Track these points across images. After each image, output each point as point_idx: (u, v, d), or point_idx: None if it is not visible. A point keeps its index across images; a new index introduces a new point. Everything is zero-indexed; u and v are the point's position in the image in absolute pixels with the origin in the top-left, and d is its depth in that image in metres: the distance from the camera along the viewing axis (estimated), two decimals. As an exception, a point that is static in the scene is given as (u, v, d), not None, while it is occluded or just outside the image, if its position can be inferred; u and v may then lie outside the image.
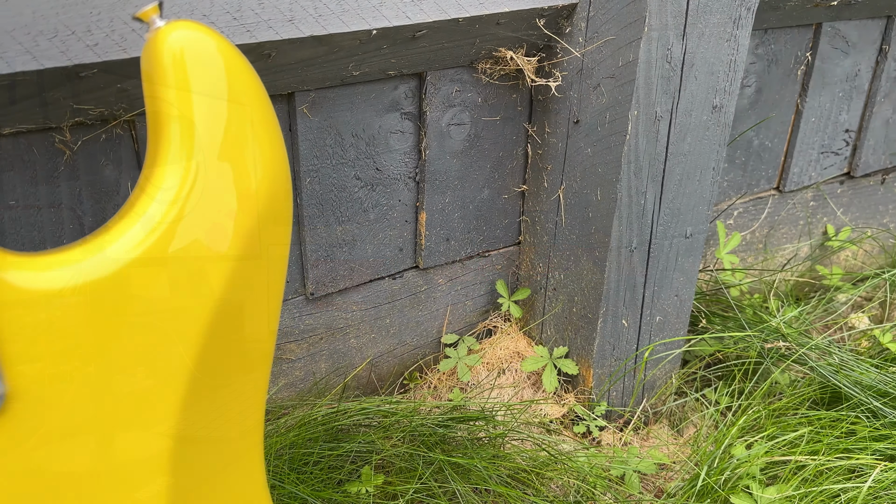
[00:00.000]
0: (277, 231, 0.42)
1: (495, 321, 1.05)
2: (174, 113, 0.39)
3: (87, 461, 0.38)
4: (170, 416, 0.40)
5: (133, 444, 0.39)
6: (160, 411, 0.40)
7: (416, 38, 0.74)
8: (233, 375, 0.43)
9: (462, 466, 0.80)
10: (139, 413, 0.39)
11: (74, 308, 0.36)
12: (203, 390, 0.41)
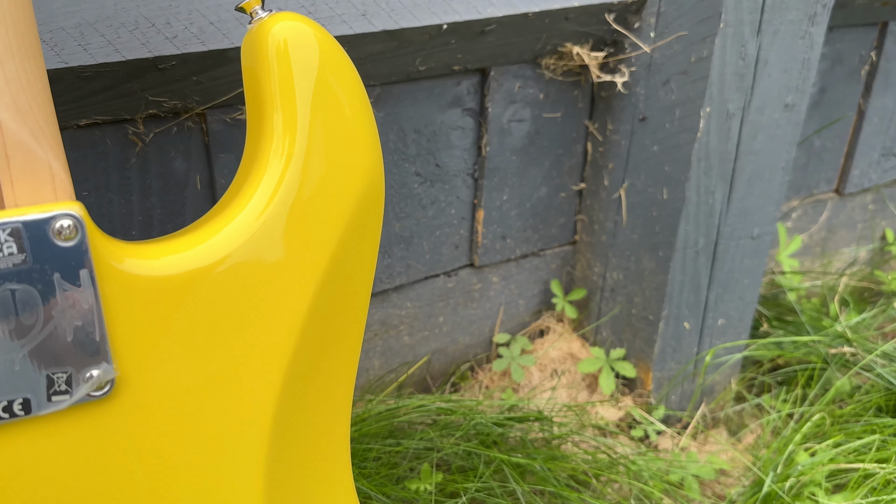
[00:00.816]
0: (373, 221, 0.44)
1: (548, 321, 1.06)
2: (277, 103, 0.41)
3: (187, 456, 0.40)
4: (268, 410, 0.41)
5: (232, 437, 0.41)
6: (259, 404, 0.41)
7: (484, 32, 0.75)
8: (327, 366, 0.44)
9: (521, 466, 0.81)
10: (239, 406, 0.41)
11: (182, 296, 0.38)
12: (299, 383, 0.42)
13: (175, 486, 0.40)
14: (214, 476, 0.41)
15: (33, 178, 0.38)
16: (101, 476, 0.38)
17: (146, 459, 0.39)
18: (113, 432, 0.38)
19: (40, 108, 0.39)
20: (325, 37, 0.42)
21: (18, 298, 0.35)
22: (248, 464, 0.42)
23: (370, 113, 0.43)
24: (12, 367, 0.35)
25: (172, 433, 0.39)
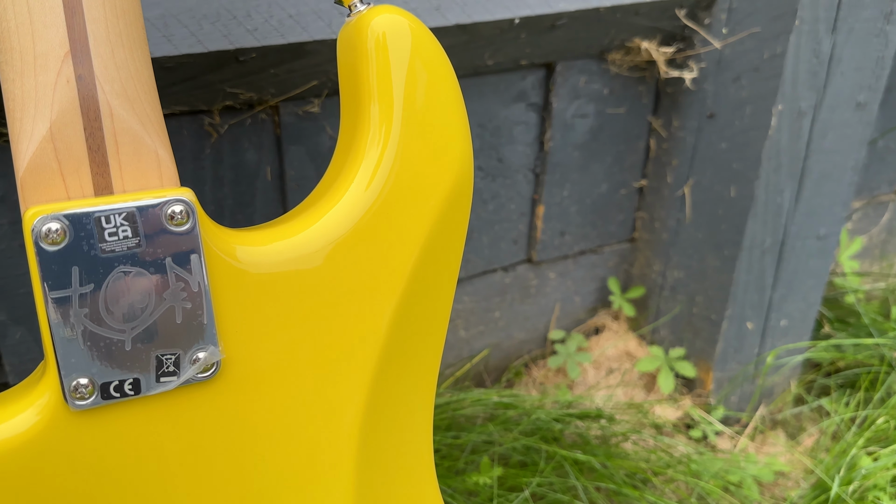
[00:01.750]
0: (462, 210, 0.44)
1: (604, 319, 1.06)
2: (374, 94, 0.41)
3: (283, 442, 0.41)
4: (360, 399, 0.42)
5: (326, 424, 0.42)
6: (352, 392, 0.42)
7: (554, 27, 0.76)
8: (415, 357, 0.45)
9: (580, 463, 0.81)
10: (333, 393, 0.42)
11: (284, 282, 0.39)
12: (388, 373, 0.43)
13: (269, 471, 0.41)
14: (308, 463, 0.42)
15: (141, 164, 0.39)
16: (202, 456, 0.39)
17: (244, 442, 0.40)
18: (215, 414, 0.39)
19: (147, 95, 0.40)
20: (423, 30, 0.43)
21: (131, 282, 0.36)
22: (341, 452, 0.43)
23: (462, 106, 0.44)
24: (124, 348, 0.36)
25: (270, 417, 0.40)
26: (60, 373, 0.35)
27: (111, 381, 0.36)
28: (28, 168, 0.37)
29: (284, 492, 0.42)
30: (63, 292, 0.35)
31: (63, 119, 0.38)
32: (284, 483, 0.42)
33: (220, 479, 0.40)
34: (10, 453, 0.35)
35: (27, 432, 0.35)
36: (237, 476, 0.41)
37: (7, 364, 0.71)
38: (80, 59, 0.38)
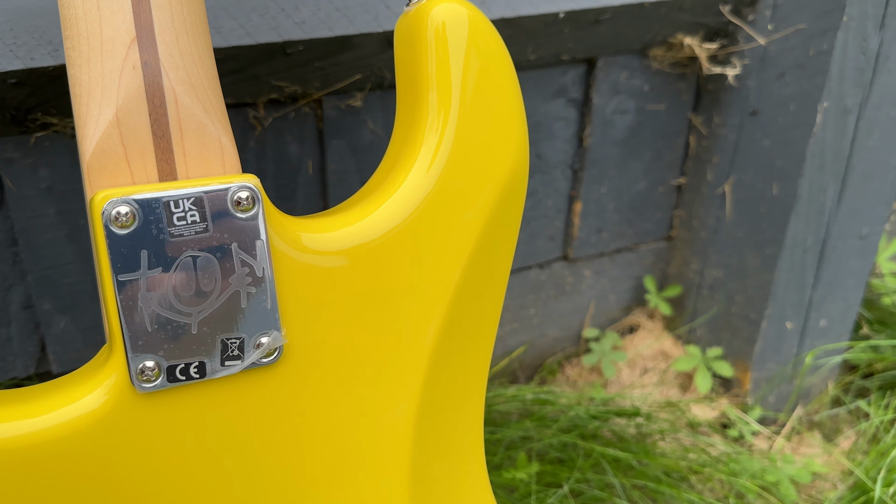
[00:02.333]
0: (518, 200, 0.45)
1: (639, 318, 1.06)
2: (432, 83, 0.42)
3: (339, 429, 0.41)
4: (415, 389, 0.42)
5: (381, 413, 0.42)
6: (408, 382, 0.42)
7: (598, 21, 0.76)
8: (468, 349, 0.45)
9: (618, 460, 0.81)
10: (389, 382, 0.42)
11: (344, 269, 0.39)
12: (443, 363, 0.44)
13: (325, 460, 0.42)
14: (363, 454, 0.42)
15: (204, 151, 0.40)
16: (260, 442, 0.40)
17: (302, 430, 0.41)
18: (275, 400, 0.39)
19: (210, 83, 0.41)
20: (482, 20, 0.43)
21: (199, 265, 0.36)
22: (396, 444, 0.43)
23: (520, 95, 0.44)
24: (190, 332, 0.37)
25: (328, 405, 0.41)
26: (128, 355, 0.36)
27: (177, 364, 0.37)
28: (94, 153, 0.38)
29: (339, 482, 0.42)
30: (132, 275, 0.35)
31: (129, 105, 0.38)
32: (339, 473, 0.42)
33: (276, 466, 0.40)
34: (78, 434, 0.35)
35: (94, 414, 0.36)
36: (293, 463, 0.41)
37: (51, 353, 0.72)
38: (146, 46, 0.38)
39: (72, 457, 0.35)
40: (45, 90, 0.59)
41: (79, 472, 0.36)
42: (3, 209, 0.66)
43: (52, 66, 0.58)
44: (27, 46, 0.57)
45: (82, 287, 0.70)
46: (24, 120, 0.61)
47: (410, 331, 0.42)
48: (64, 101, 0.61)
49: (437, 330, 0.42)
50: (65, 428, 0.35)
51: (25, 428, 0.34)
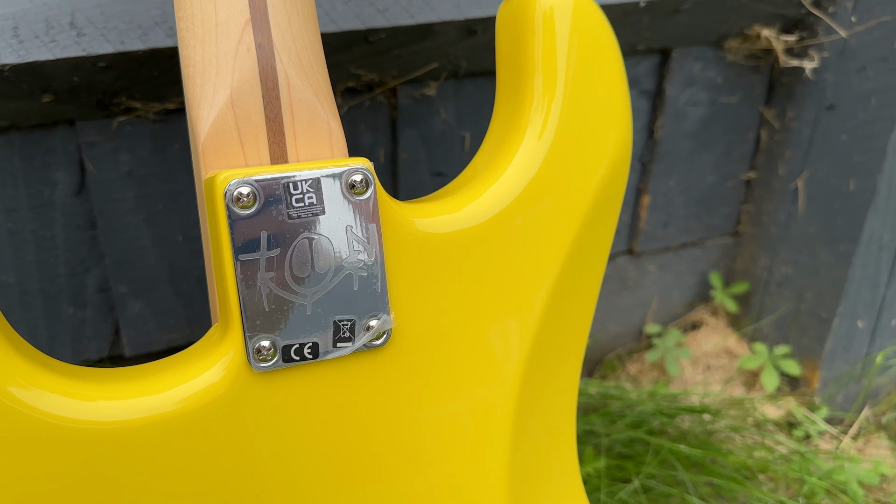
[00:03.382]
0: (619, 187, 0.45)
1: (701, 314, 1.05)
2: (538, 66, 0.42)
3: (442, 416, 0.42)
4: (516, 378, 0.43)
5: (483, 401, 0.42)
6: (509, 371, 0.43)
7: (678, 11, 0.75)
8: (566, 339, 0.46)
9: (686, 457, 0.81)
10: (492, 370, 0.42)
11: (452, 254, 0.40)
12: (542, 352, 0.44)
13: (427, 443, 0.42)
14: (465, 442, 0.43)
15: (314, 134, 0.40)
16: (366, 425, 0.40)
17: (407, 414, 0.41)
18: (382, 383, 0.40)
19: (319, 67, 0.41)
20: (589, 4, 0.43)
21: (314, 247, 0.37)
22: (496, 433, 0.43)
23: (625, 80, 0.44)
24: (305, 312, 0.37)
25: (432, 389, 0.41)
26: (245, 335, 0.36)
27: (292, 344, 0.37)
28: (210, 134, 0.39)
29: (439, 468, 0.43)
30: (252, 255, 0.36)
31: (243, 87, 0.39)
32: (440, 460, 0.42)
33: (379, 450, 0.41)
34: (197, 411, 0.36)
35: (213, 391, 0.36)
36: (397, 448, 0.42)
37: (124, 336, 0.74)
38: (260, 28, 0.39)
39: (189, 434, 0.36)
40: (132, 74, 0.60)
41: (195, 449, 0.37)
42: (84, 192, 0.67)
43: (141, 51, 0.59)
44: (117, 31, 0.58)
45: (157, 271, 0.72)
46: (109, 104, 0.62)
47: (514, 315, 0.42)
48: (148, 86, 0.62)
49: (540, 314, 0.43)
50: (185, 405, 0.36)
51: (147, 405, 0.35)
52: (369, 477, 0.41)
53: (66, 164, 0.65)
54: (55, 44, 0.57)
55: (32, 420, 0.34)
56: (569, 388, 0.46)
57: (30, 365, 0.34)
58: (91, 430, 0.34)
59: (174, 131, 0.67)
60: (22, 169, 0.64)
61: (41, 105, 0.60)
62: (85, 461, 0.35)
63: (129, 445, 0.35)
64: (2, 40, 0.56)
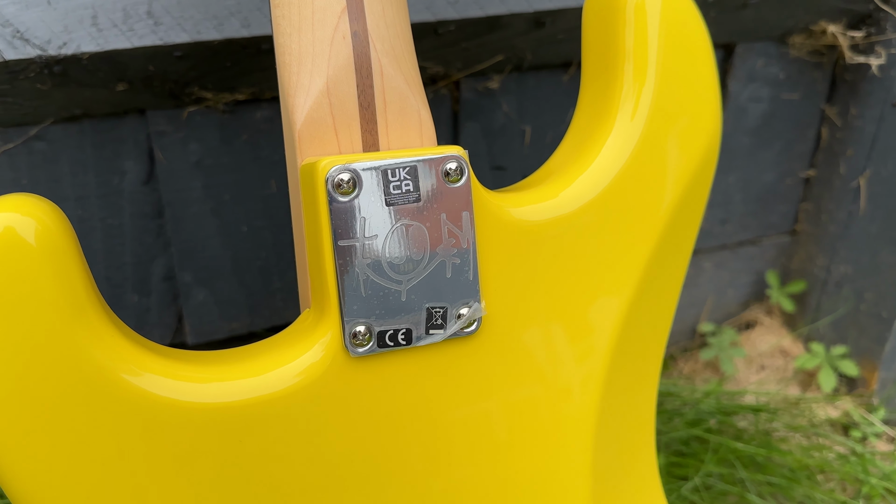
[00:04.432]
0: (708, 177, 0.45)
1: (756, 313, 1.05)
2: (629, 54, 0.42)
3: (527, 407, 0.42)
4: (601, 370, 0.43)
5: (568, 399, 0.43)
6: (595, 363, 0.43)
7: (746, 5, 0.75)
8: (650, 333, 0.46)
9: (744, 456, 0.80)
10: (577, 362, 0.42)
11: (542, 242, 0.40)
12: (627, 347, 0.44)
13: (511, 434, 0.42)
14: (549, 432, 0.43)
15: (405, 123, 0.41)
16: (454, 411, 0.41)
17: (493, 401, 0.41)
18: (470, 370, 0.40)
19: (410, 55, 0.42)
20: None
21: (411, 234, 0.37)
22: (580, 422, 0.43)
23: (716, 69, 0.44)
24: (399, 299, 0.38)
25: (519, 378, 0.41)
26: (343, 319, 0.37)
27: (387, 330, 0.38)
28: (305, 121, 0.39)
29: (523, 460, 0.43)
30: (350, 241, 0.36)
31: (338, 75, 0.39)
32: (524, 452, 0.43)
33: (466, 438, 0.41)
34: (296, 393, 0.37)
35: (312, 374, 0.37)
36: (482, 436, 0.42)
37: (187, 324, 0.75)
38: (356, 16, 0.40)
39: (290, 414, 0.37)
40: (205, 64, 0.61)
41: (294, 429, 0.37)
42: (152, 181, 0.68)
43: (216, 41, 0.59)
44: (193, 20, 0.59)
45: (221, 261, 0.73)
46: (181, 94, 0.63)
47: (603, 303, 0.42)
48: (220, 77, 0.63)
49: (629, 303, 0.43)
50: (287, 387, 0.36)
51: (251, 386, 0.36)
52: (453, 464, 0.41)
53: (135, 153, 0.67)
54: (133, 32, 0.58)
55: (146, 403, 0.34)
56: (650, 383, 0.47)
57: (138, 350, 0.35)
58: (204, 411, 0.35)
59: (242, 122, 0.68)
60: (92, 157, 0.66)
61: (115, 94, 0.61)
62: (196, 441, 0.35)
63: (237, 425, 0.36)
64: (81, 29, 0.57)
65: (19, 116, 0.61)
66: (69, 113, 0.62)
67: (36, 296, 0.32)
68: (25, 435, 0.33)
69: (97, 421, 0.34)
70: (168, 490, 0.36)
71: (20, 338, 0.32)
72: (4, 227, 0.32)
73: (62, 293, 0.33)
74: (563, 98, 0.78)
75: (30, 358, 0.33)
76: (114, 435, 0.34)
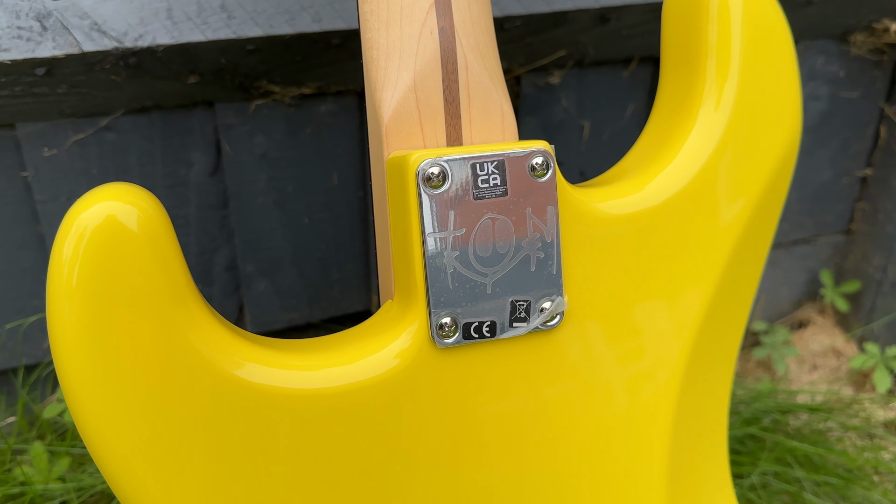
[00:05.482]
0: (788, 174, 0.45)
1: (808, 313, 1.04)
2: (712, 51, 0.42)
3: (604, 402, 0.42)
4: (679, 368, 0.43)
5: (645, 390, 0.43)
6: (673, 360, 0.43)
7: (810, 3, 0.74)
8: (726, 334, 0.46)
9: (800, 455, 0.80)
10: (655, 358, 0.43)
11: (625, 237, 0.40)
12: (705, 346, 0.44)
13: (589, 427, 0.43)
14: (627, 428, 0.43)
15: (487, 117, 0.41)
16: (533, 404, 0.41)
17: (572, 395, 0.42)
18: (550, 364, 0.41)
19: (493, 51, 0.42)
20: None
21: (497, 227, 0.38)
22: (658, 419, 0.44)
23: (796, 69, 0.44)
24: (485, 291, 0.38)
25: (598, 373, 0.42)
26: (430, 311, 0.37)
27: (472, 322, 0.38)
28: (393, 116, 0.40)
29: (601, 456, 0.43)
30: (440, 234, 0.37)
31: (426, 70, 0.40)
32: (602, 445, 0.43)
33: (543, 431, 0.42)
34: (384, 383, 0.38)
35: (400, 364, 0.38)
36: (560, 430, 0.42)
37: (248, 314, 0.76)
38: (443, 12, 0.40)
39: (381, 401, 0.38)
40: (276, 58, 0.62)
41: (378, 418, 0.38)
42: (218, 173, 0.69)
43: (288, 35, 0.60)
44: (266, 14, 0.60)
45: (283, 252, 0.74)
46: (249, 87, 0.64)
47: (685, 298, 0.42)
48: (288, 70, 0.64)
49: (710, 296, 0.43)
50: (379, 375, 0.37)
51: (343, 374, 0.37)
52: (530, 457, 0.42)
53: (203, 145, 0.68)
54: (207, 26, 0.59)
55: (243, 390, 0.35)
56: (726, 379, 0.47)
57: (233, 337, 0.36)
58: (300, 398, 0.36)
59: (307, 116, 0.68)
60: (161, 148, 0.67)
61: (186, 86, 0.62)
62: (290, 428, 0.36)
63: (328, 412, 0.37)
64: (156, 21, 0.59)
65: (92, 107, 0.62)
66: (140, 104, 0.63)
67: (140, 283, 0.33)
68: (128, 421, 0.34)
69: (196, 406, 0.35)
70: (259, 475, 0.37)
71: (125, 326, 0.33)
72: (107, 215, 0.33)
73: (164, 281, 0.33)
74: (622, 94, 0.78)
75: (134, 345, 0.33)
76: (212, 422, 0.35)
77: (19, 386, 0.75)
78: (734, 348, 0.46)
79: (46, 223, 0.66)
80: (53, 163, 0.65)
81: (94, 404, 0.33)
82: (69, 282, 0.32)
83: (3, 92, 0.59)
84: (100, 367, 0.33)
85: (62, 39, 0.57)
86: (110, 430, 0.34)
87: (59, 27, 0.57)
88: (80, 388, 0.33)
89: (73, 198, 0.66)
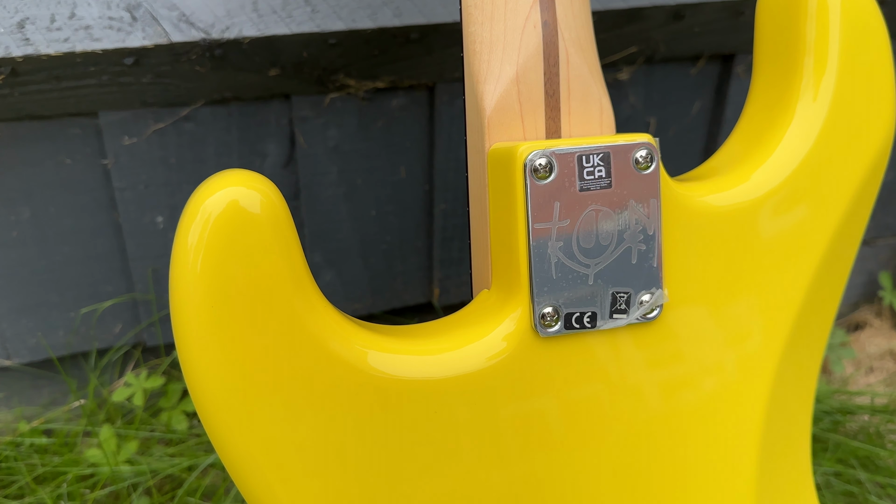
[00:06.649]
0: (880, 172, 0.45)
1: (865, 315, 1.03)
2: (809, 47, 0.42)
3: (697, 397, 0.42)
4: (770, 367, 0.43)
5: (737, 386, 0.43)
6: (765, 358, 0.43)
7: (884, 3, 0.74)
8: (815, 331, 0.46)
9: (866, 457, 0.80)
10: (749, 353, 0.43)
11: (724, 230, 0.41)
12: (796, 346, 0.44)
13: (682, 422, 0.43)
14: (718, 424, 0.44)
15: (586, 110, 0.42)
16: (629, 396, 0.41)
17: (667, 388, 0.42)
18: (648, 356, 0.41)
19: (592, 45, 0.43)
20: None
21: (601, 219, 0.38)
22: (750, 414, 0.44)
23: (892, 63, 0.44)
24: (587, 282, 0.39)
25: (694, 367, 0.42)
26: (533, 300, 0.38)
27: (573, 313, 0.39)
28: (495, 108, 0.40)
29: (693, 452, 0.43)
30: (545, 225, 0.37)
31: (528, 63, 0.40)
32: (694, 441, 0.43)
33: (638, 423, 0.42)
34: (489, 370, 0.38)
35: (504, 351, 0.38)
36: (654, 423, 0.43)
37: (314, 305, 0.77)
38: (546, 6, 0.41)
39: (485, 388, 0.38)
40: (356, 52, 0.63)
41: (481, 404, 0.39)
42: (291, 164, 0.70)
43: (370, 29, 0.61)
44: (349, 8, 0.61)
45: (350, 243, 0.75)
46: (326, 80, 0.65)
47: (782, 290, 0.43)
48: (366, 65, 0.64)
49: (806, 289, 0.43)
50: (484, 363, 0.38)
51: (451, 361, 0.37)
52: (624, 448, 0.42)
53: (278, 137, 0.69)
54: (291, 19, 0.60)
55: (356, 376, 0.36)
56: (814, 373, 0.47)
57: (346, 322, 0.37)
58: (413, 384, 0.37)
59: (379, 109, 0.69)
60: (237, 139, 0.68)
61: (266, 78, 0.63)
62: (401, 414, 0.37)
63: (435, 398, 0.38)
64: (242, 14, 0.60)
65: (173, 97, 0.64)
66: (220, 95, 0.64)
67: (265, 268, 0.34)
68: (246, 404, 0.35)
69: (318, 392, 0.36)
70: (365, 459, 0.37)
71: (249, 311, 0.34)
72: (230, 200, 0.34)
73: (286, 265, 0.34)
74: (689, 91, 0.78)
75: (257, 331, 0.34)
76: (334, 410, 0.36)
77: (90, 370, 0.76)
78: (821, 345, 0.47)
79: (123, 211, 0.68)
80: (133, 151, 0.66)
81: (217, 389, 0.34)
82: (194, 268, 0.33)
83: (90, 81, 0.60)
84: (224, 353, 0.34)
85: (151, 30, 0.58)
86: (233, 413, 0.35)
87: (149, 18, 0.58)
88: (205, 375, 0.34)
89: (150, 186, 0.67)
